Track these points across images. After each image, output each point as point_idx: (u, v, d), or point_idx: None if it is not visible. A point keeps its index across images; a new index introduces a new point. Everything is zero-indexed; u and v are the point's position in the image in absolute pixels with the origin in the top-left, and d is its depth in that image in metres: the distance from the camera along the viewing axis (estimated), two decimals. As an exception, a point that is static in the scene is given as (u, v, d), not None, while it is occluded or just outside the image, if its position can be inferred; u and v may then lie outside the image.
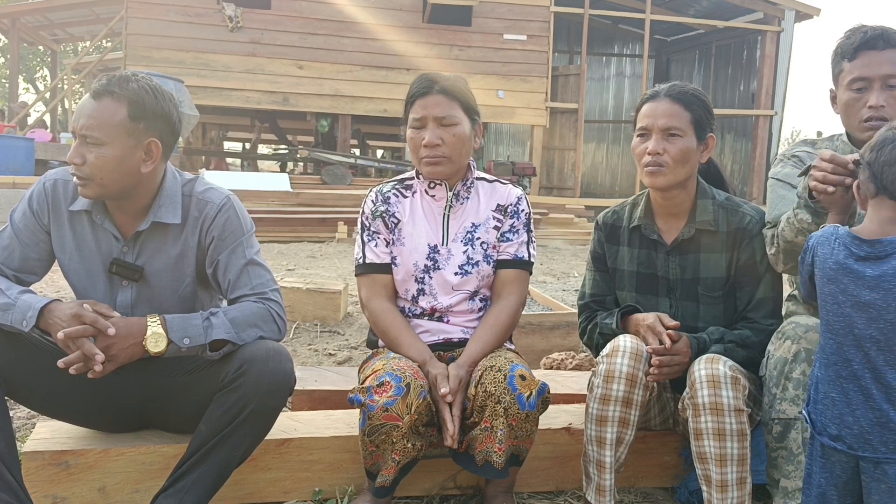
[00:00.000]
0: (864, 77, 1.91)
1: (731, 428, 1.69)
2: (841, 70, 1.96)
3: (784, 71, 14.58)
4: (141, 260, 1.79)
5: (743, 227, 1.94)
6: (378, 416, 1.70)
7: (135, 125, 1.68)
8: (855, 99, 1.93)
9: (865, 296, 1.44)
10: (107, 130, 1.66)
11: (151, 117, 1.71)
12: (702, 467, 1.75)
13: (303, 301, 4.06)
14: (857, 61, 1.91)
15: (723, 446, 1.70)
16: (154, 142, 1.72)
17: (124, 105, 1.67)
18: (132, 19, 12.03)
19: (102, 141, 1.66)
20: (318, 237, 8.70)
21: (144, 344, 1.64)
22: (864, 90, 1.92)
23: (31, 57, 25.28)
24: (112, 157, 1.67)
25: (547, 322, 3.33)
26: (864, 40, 1.90)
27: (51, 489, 1.80)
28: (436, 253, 1.99)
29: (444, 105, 1.92)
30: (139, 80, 1.71)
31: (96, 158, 1.66)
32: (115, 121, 1.66)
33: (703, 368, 1.74)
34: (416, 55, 12.86)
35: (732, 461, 1.70)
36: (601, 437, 1.80)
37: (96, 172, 1.67)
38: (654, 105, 1.92)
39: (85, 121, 1.66)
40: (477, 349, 1.89)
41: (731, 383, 1.70)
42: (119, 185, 1.71)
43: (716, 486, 1.72)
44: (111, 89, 1.67)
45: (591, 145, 17.69)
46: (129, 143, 1.68)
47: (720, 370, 1.72)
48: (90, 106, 1.67)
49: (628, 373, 1.77)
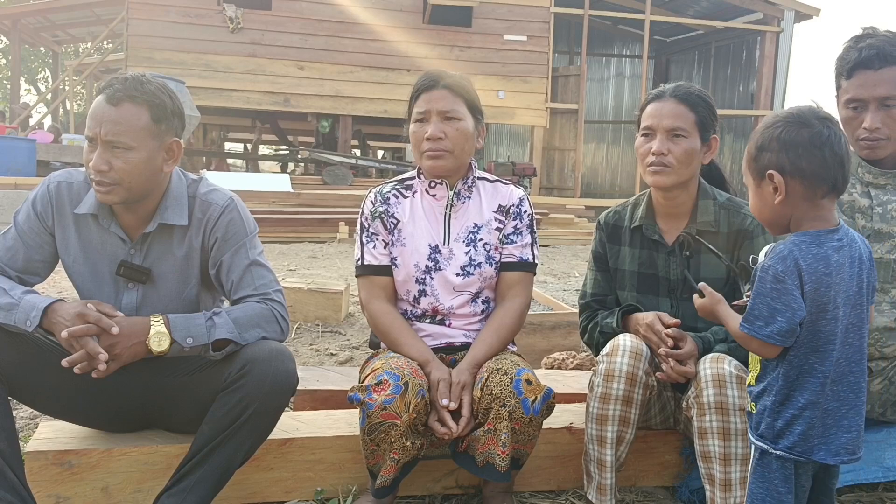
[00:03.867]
0: (859, 98, 1.90)
1: (736, 427, 1.69)
2: (839, 86, 1.96)
3: (783, 71, 14.58)
4: (148, 262, 1.80)
5: (744, 228, 1.94)
6: (377, 415, 1.70)
7: (157, 127, 1.71)
8: (851, 118, 1.93)
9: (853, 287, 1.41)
10: (133, 135, 1.67)
11: (171, 117, 1.74)
12: (705, 466, 1.75)
13: (304, 301, 4.07)
14: (854, 80, 1.90)
15: (727, 445, 1.70)
16: (176, 141, 1.76)
17: (145, 108, 1.69)
18: (133, 20, 12.05)
19: (130, 146, 1.67)
20: (319, 237, 8.71)
21: (148, 343, 1.65)
22: (860, 110, 1.91)
23: (32, 58, 25.29)
24: (140, 161, 1.68)
25: (548, 322, 3.34)
26: (860, 59, 1.89)
27: (54, 489, 1.80)
28: (437, 253, 1.99)
29: (448, 99, 1.92)
30: (151, 81, 1.73)
31: (125, 163, 1.67)
32: (140, 125, 1.68)
33: (708, 368, 1.74)
34: (417, 56, 12.87)
35: (737, 460, 1.70)
36: (602, 436, 1.81)
37: (125, 177, 1.68)
38: (660, 105, 1.92)
39: (111, 126, 1.65)
40: (481, 352, 1.89)
41: (736, 383, 1.70)
42: (143, 188, 1.73)
43: (719, 486, 1.72)
44: (130, 94, 1.67)
45: (592, 145, 17.70)
46: (154, 146, 1.71)
47: (726, 369, 1.72)
48: (111, 112, 1.66)
49: (628, 371, 1.77)
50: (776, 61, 14.48)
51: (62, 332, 1.58)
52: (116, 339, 1.62)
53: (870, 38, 1.92)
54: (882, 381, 2.05)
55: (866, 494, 2.09)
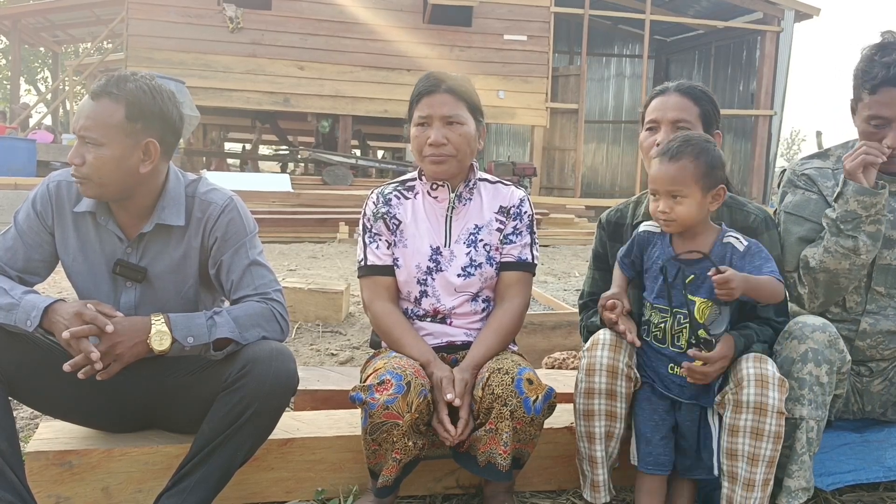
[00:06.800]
0: (883, 116, 1.84)
1: (770, 429, 1.68)
2: (860, 99, 1.90)
3: (783, 71, 14.60)
4: (145, 261, 1.80)
5: (748, 225, 1.94)
6: (379, 415, 1.70)
7: (132, 125, 1.69)
8: (871, 133, 1.87)
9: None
10: (104, 131, 1.66)
11: (149, 117, 1.71)
12: (729, 463, 1.74)
13: (304, 301, 4.07)
14: (878, 97, 1.84)
15: (757, 446, 1.69)
16: (152, 142, 1.72)
17: (122, 106, 1.68)
18: (133, 20, 12.05)
19: (101, 141, 1.67)
20: (320, 237, 8.71)
21: (149, 342, 1.65)
22: (882, 127, 1.85)
23: (32, 58, 25.29)
24: (110, 158, 1.67)
25: (548, 322, 3.34)
26: (888, 77, 1.82)
27: (54, 489, 1.80)
28: (438, 254, 1.99)
29: (450, 104, 1.92)
30: (137, 80, 1.71)
31: (95, 159, 1.67)
32: (113, 121, 1.67)
33: (751, 367, 1.71)
34: (417, 56, 12.87)
35: (763, 462, 1.69)
36: (590, 432, 1.81)
37: (95, 172, 1.68)
38: (664, 99, 1.94)
39: (84, 121, 1.67)
40: (481, 352, 1.89)
41: (778, 385, 1.68)
42: (118, 186, 1.71)
43: (742, 484, 1.72)
44: (109, 90, 1.68)
45: (592, 145, 17.71)
46: (128, 144, 1.69)
47: (769, 371, 1.70)
48: (89, 107, 1.68)
49: (608, 364, 1.76)
50: (776, 61, 14.49)
51: (63, 333, 1.57)
52: (118, 339, 1.61)
53: (892, 48, 1.85)
54: (882, 382, 2.05)
55: (867, 494, 2.09)
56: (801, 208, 1.98)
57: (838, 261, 1.80)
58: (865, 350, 2.00)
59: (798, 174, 2.04)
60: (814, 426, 1.76)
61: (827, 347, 1.76)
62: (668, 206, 1.75)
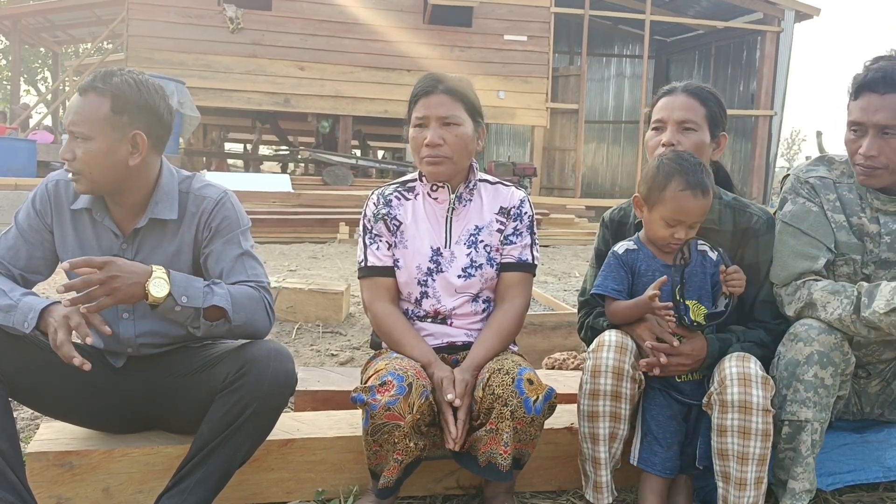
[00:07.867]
0: (860, 122, 1.82)
1: (757, 427, 1.69)
2: (848, 104, 1.89)
3: (784, 71, 14.60)
4: (140, 257, 1.80)
5: (750, 226, 1.94)
6: (380, 416, 1.70)
7: (118, 118, 1.70)
8: (851, 140, 1.87)
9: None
10: (91, 125, 1.69)
11: (135, 110, 1.72)
12: (721, 464, 1.75)
13: (305, 302, 4.07)
14: (858, 102, 1.83)
15: (746, 445, 1.70)
16: (139, 134, 1.73)
17: (107, 99, 1.70)
18: (133, 21, 12.05)
19: (88, 135, 1.69)
20: (320, 238, 8.71)
21: (147, 286, 1.62)
22: (860, 134, 1.84)
23: (32, 59, 25.28)
24: (98, 151, 1.69)
25: (548, 322, 3.34)
26: (865, 81, 1.82)
27: (55, 490, 1.80)
28: (439, 255, 1.99)
29: (447, 105, 1.92)
30: (123, 74, 1.73)
31: (84, 153, 1.69)
32: (99, 115, 1.69)
33: (734, 366, 1.73)
34: (417, 56, 12.88)
35: (754, 460, 1.70)
36: (594, 434, 1.81)
37: (85, 167, 1.70)
38: (671, 99, 1.94)
39: (72, 117, 1.70)
40: (481, 353, 1.89)
41: (761, 383, 1.70)
42: (109, 179, 1.73)
43: (734, 484, 1.72)
44: (95, 85, 1.70)
45: (592, 146, 17.71)
46: (115, 137, 1.70)
47: (752, 369, 1.71)
48: (77, 102, 1.71)
49: (614, 366, 1.77)
50: (776, 61, 14.49)
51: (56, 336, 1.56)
52: (117, 274, 1.58)
53: (884, 59, 1.84)
54: (879, 382, 2.04)
55: (867, 494, 2.09)
56: (799, 220, 1.94)
57: (850, 328, 1.79)
58: (861, 357, 1.99)
59: (802, 181, 2.00)
60: (818, 428, 1.76)
61: (832, 350, 1.76)
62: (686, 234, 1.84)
